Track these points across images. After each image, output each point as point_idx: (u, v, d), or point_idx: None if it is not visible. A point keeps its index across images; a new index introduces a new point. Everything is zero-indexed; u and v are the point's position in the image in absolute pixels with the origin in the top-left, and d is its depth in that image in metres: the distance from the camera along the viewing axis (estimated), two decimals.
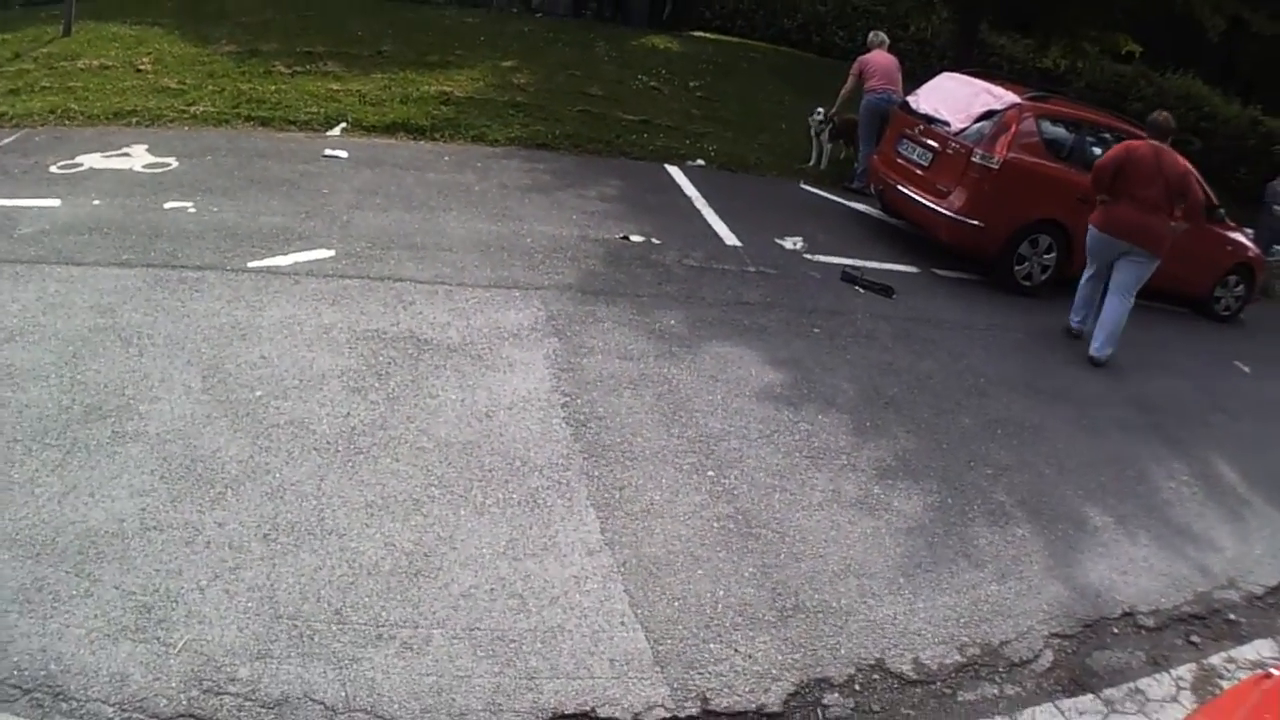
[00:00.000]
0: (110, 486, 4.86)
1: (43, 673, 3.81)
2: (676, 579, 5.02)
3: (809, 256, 10.25)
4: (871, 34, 14.48)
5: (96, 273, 7.03)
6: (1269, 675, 3.89)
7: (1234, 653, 5.75)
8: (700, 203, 11.37)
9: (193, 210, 8.42)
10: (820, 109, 14.26)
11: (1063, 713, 4.89)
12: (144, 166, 9.32)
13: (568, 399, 6.45)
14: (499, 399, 6.29)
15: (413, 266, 8.03)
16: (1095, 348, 9.64)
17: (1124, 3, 20.31)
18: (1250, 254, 12.65)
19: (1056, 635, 5.42)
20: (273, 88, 12.63)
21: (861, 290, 9.68)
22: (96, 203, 8.29)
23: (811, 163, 14.42)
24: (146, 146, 9.89)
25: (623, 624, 4.65)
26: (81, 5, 14.92)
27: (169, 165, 9.44)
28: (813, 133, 14.39)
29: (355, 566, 4.64)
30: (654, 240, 9.69)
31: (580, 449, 5.93)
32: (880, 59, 13.76)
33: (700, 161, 13.28)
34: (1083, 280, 10.18)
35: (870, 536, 5.79)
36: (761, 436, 6.56)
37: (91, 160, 9.31)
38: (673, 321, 7.96)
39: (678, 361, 7.31)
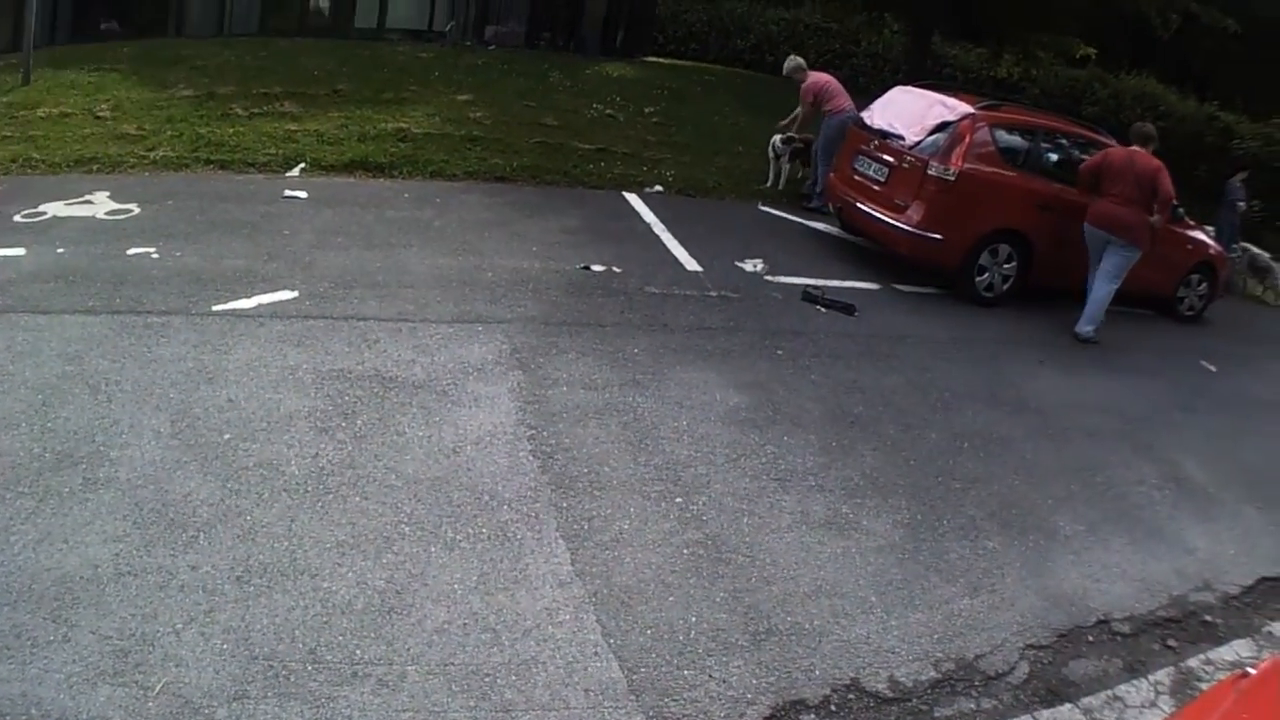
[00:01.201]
0: (84, 533, 4.89)
1: (24, 717, 3.84)
2: (648, 607, 5.08)
3: (770, 278, 10.36)
4: (791, 58, 14.60)
5: (63, 320, 7.06)
6: (1245, 674, 3.99)
7: (1211, 655, 5.82)
8: (660, 229, 11.48)
9: (156, 255, 8.46)
10: (781, 133, 14.41)
11: None
12: (106, 213, 9.36)
13: (534, 431, 6.52)
14: (466, 434, 6.35)
15: (376, 305, 8.09)
16: (1079, 326, 10.84)
17: (1073, 7, 20.53)
18: (1212, 252, 12.87)
19: (1031, 646, 5.49)
20: (231, 130, 12.68)
21: (823, 309, 9.80)
22: (61, 250, 8.32)
23: (769, 184, 14.50)
24: (108, 193, 9.92)
25: (596, 654, 4.70)
26: (39, 54, 14.91)
27: (131, 211, 9.47)
28: (773, 155, 14.47)
29: (328, 606, 4.68)
30: (615, 269, 9.78)
31: (548, 481, 5.99)
32: (829, 79, 13.95)
33: (658, 188, 13.41)
34: (1089, 277, 11.10)
35: (840, 556, 5.86)
36: (728, 461, 6.63)
37: (55, 208, 9.33)
38: (636, 350, 8.04)
39: (642, 389, 7.38)
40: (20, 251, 8.29)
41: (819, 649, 5.06)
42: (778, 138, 14.45)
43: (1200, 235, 12.94)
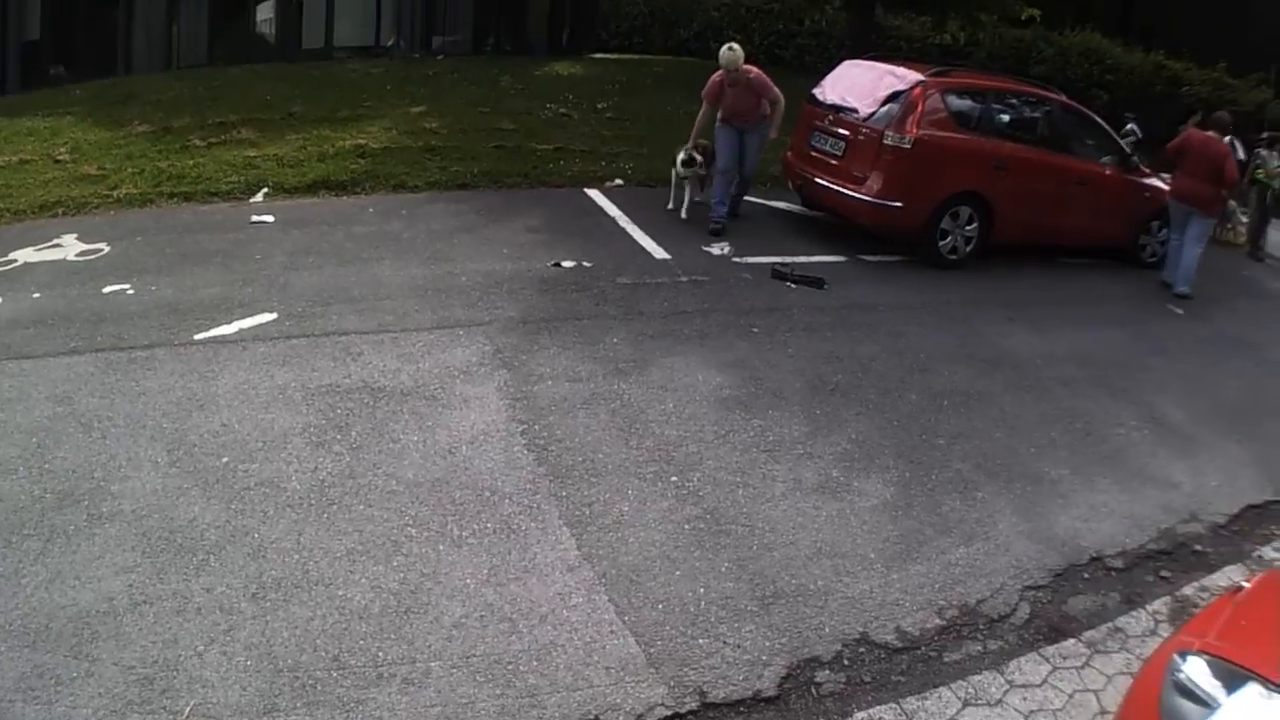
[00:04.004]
0: (95, 567, 4.94)
1: None
2: (657, 583, 5.20)
3: (738, 260, 10.46)
4: (733, 49, 11.60)
5: (48, 363, 7.09)
6: (1240, 589, 4.11)
7: (1205, 581, 6.01)
8: (624, 221, 11.56)
9: (132, 291, 8.48)
10: (682, 149, 11.97)
11: (1047, 659, 5.11)
12: (77, 255, 9.35)
13: (525, 426, 6.60)
14: (459, 435, 6.44)
15: (355, 319, 8.15)
16: (1176, 286, 11.96)
17: None
18: (1167, 198, 12.99)
19: (1030, 588, 5.65)
20: (191, 162, 12.66)
21: (793, 285, 9.91)
22: (36, 295, 8.33)
23: (670, 206, 12.25)
24: (76, 235, 9.91)
25: (612, 632, 4.81)
26: None
27: (101, 250, 9.47)
28: (679, 176, 12.07)
29: (346, 612, 4.77)
30: (585, 264, 9.86)
31: (545, 472, 6.09)
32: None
33: (619, 181, 13.46)
34: (1170, 241, 12.47)
35: (837, 518, 6.00)
36: (717, 438, 6.75)
37: (25, 255, 9.33)
38: (615, 340, 8.14)
39: (626, 377, 7.48)
40: None
41: (826, 607, 5.19)
42: (684, 153, 11.92)
43: (1156, 183, 13.04)
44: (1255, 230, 15.65)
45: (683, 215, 11.91)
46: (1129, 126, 19.06)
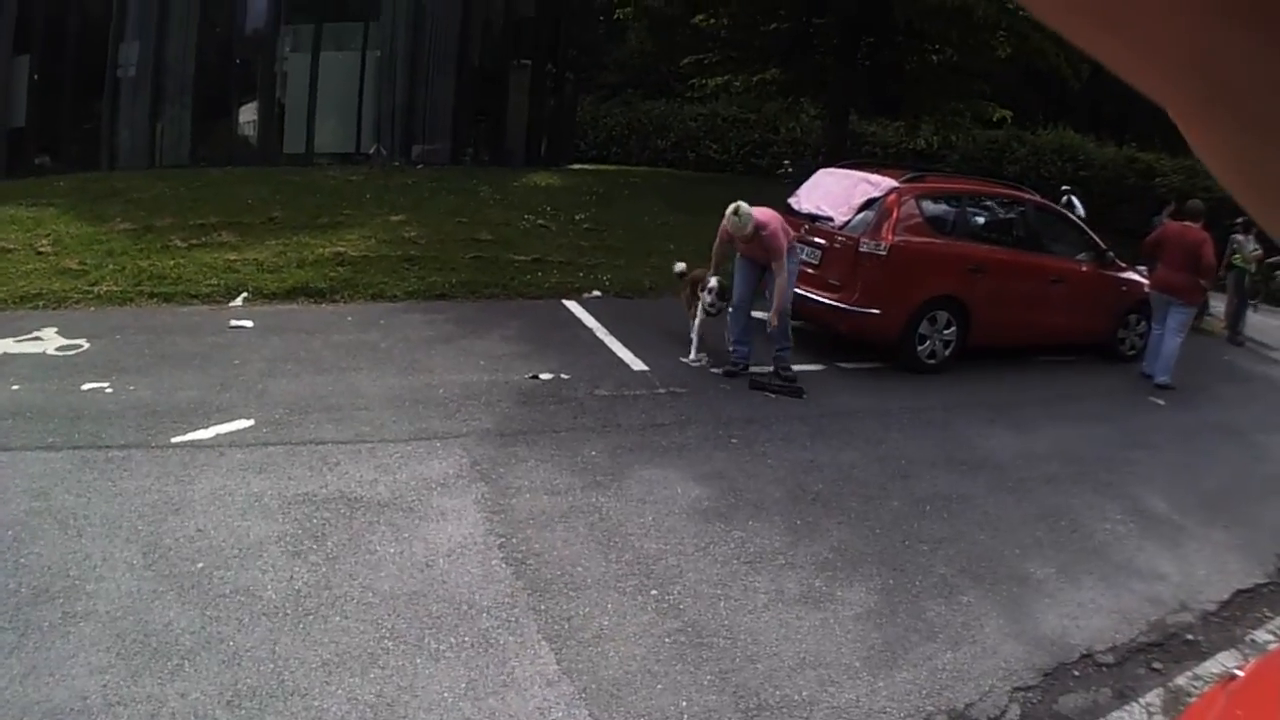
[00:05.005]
0: (69, 665, 4.89)
1: None
2: (638, 696, 5.17)
3: (716, 370, 10.58)
4: (742, 208, 10.04)
5: (25, 457, 7.08)
6: (1234, 677, 4.14)
7: (1198, 670, 6.04)
8: (602, 333, 11.68)
9: (110, 390, 8.49)
10: (712, 280, 10.69)
11: None
12: (57, 349, 9.37)
13: (503, 539, 6.60)
14: (437, 547, 6.43)
15: (332, 428, 8.16)
16: (1157, 377, 12.23)
17: (984, 70, 21.05)
18: (1148, 291, 13.21)
19: (1020, 689, 5.65)
20: (171, 262, 12.73)
21: (772, 395, 10.03)
22: (15, 388, 8.33)
23: (693, 358, 10.98)
24: (56, 329, 9.94)
25: None
26: None
27: (81, 346, 9.50)
28: (706, 311, 10.75)
29: None
30: (563, 376, 9.93)
31: (523, 586, 6.07)
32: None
33: (596, 292, 13.62)
34: (1151, 333, 12.75)
35: (820, 628, 6.00)
36: (697, 550, 6.76)
37: (4, 345, 9.33)
38: (593, 452, 8.17)
39: (604, 490, 7.50)
40: None
41: (811, 718, 5.18)
42: (714, 280, 10.68)
43: (1134, 276, 13.42)
44: (1234, 315, 16.00)
45: (693, 359, 10.88)
46: (1066, 199, 19.17)
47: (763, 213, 10.24)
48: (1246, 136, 0.43)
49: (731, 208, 9.99)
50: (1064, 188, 20.11)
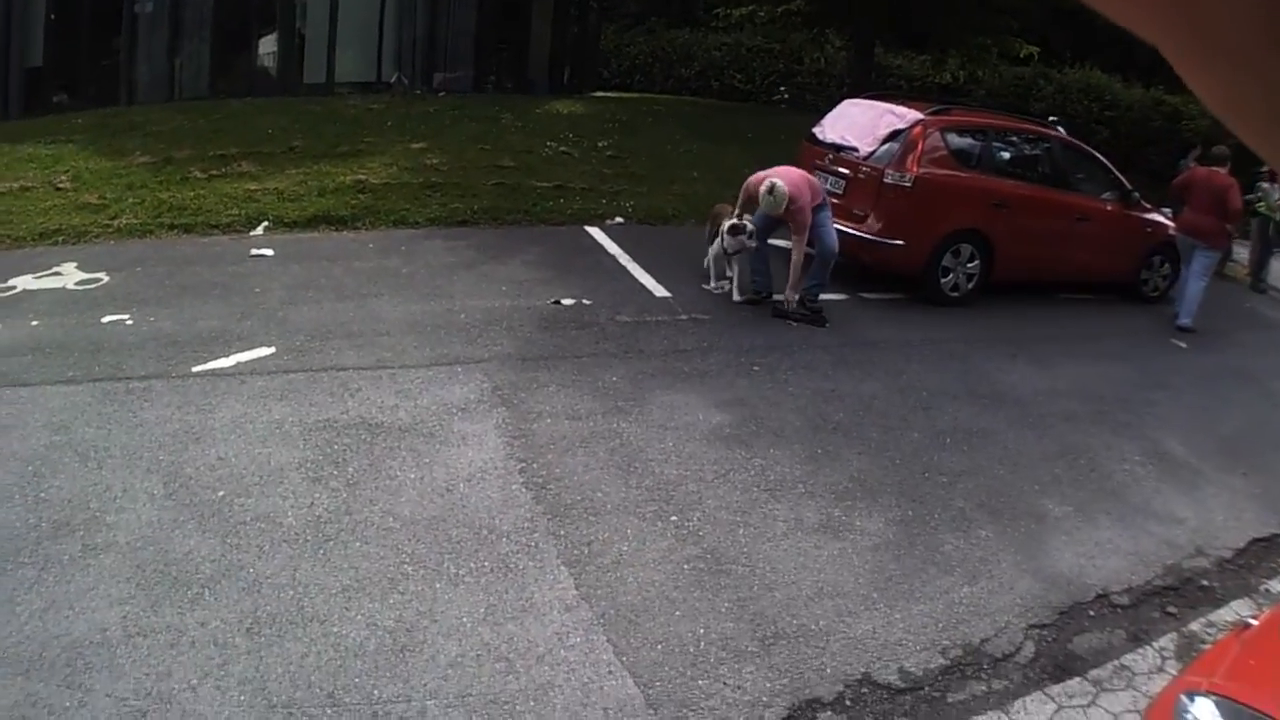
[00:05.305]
0: (89, 598, 4.91)
1: None
2: (656, 623, 5.16)
3: (738, 297, 10.46)
4: (776, 185, 9.61)
5: (45, 392, 7.07)
6: (1248, 626, 4.09)
7: (1212, 616, 6.02)
8: (625, 259, 11.57)
9: (130, 322, 8.47)
10: (726, 222, 10.28)
11: (1052, 698, 5.09)
12: (76, 284, 9.35)
13: (524, 464, 6.58)
14: (457, 472, 6.41)
15: (353, 354, 8.13)
16: (1179, 319, 12.12)
17: (1013, 4, 20.70)
18: (1172, 232, 13.10)
19: (1035, 626, 5.63)
20: (191, 194, 12.66)
21: (794, 323, 9.92)
22: (35, 323, 8.33)
23: (714, 286, 10.78)
24: (76, 264, 9.91)
25: (610, 673, 4.77)
26: None
27: (101, 280, 9.47)
28: (727, 250, 10.37)
29: (341, 650, 4.73)
30: (585, 301, 9.86)
31: (543, 511, 6.06)
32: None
33: (619, 219, 13.48)
34: (1184, 275, 12.54)
35: (838, 558, 5.98)
36: (717, 477, 6.73)
37: (24, 282, 9.32)
38: (615, 378, 8.13)
39: (625, 415, 7.47)
40: None
41: (827, 648, 5.16)
42: (728, 231, 10.22)
43: (1158, 218, 13.25)
44: (1257, 262, 15.78)
45: (736, 297, 10.54)
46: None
47: (794, 184, 9.84)
48: (1232, 73, 0.43)
49: (766, 186, 9.73)
50: (1051, 118, 19.70)
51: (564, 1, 26.60)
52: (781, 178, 9.82)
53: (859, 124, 11.87)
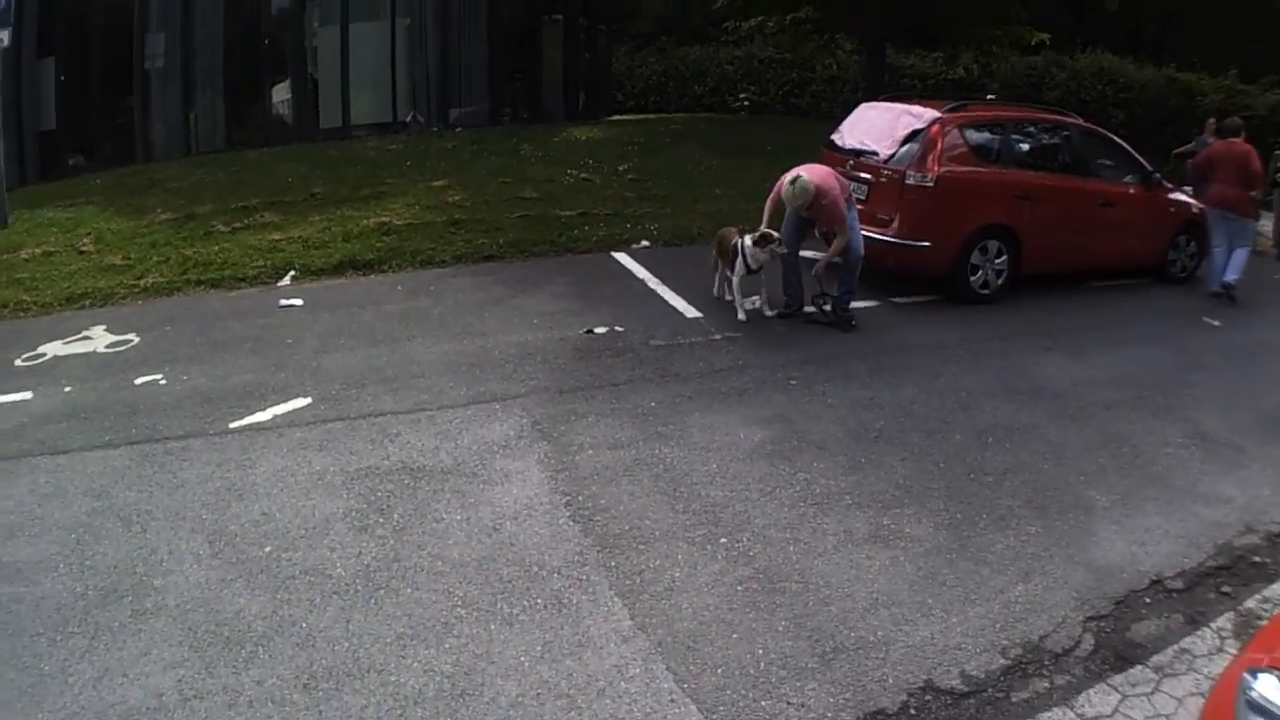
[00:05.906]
0: (142, 664, 4.86)
1: None
2: (714, 647, 5.08)
3: (770, 312, 10.40)
4: (799, 178, 9.72)
5: (83, 458, 7.05)
6: None
7: (1267, 592, 5.92)
8: (654, 283, 11.54)
9: (164, 381, 8.46)
10: (746, 239, 10.13)
11: (1116, 689, 5.00)
12: (106, 346, 9.36)
13: (569, 497, 6.52)
14: (503, 511, 6.35)
15: (390, 399, 8.09)
16: (1228, 276, 12.30)
17: None
18: (1195, 211, 13.06)
19: (1092, 618, 5.55)
20: (216, 248, 12.70)
21: (821, 323, 10.15)
22: (68, 389, 8.32)
23: (741, 316, 10.31)
24: (105, 326, 9.92)
25: (673, 701, 4.69)
26: (12, 195, 14.99)
27: (131, 341, 9.48)
28: (751, 266, 10.15)
29: (400, 698, 4.66)
30: (617, 328, 9.81)
31: (592, 543, 6.00)
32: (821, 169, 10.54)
33: (645, 243, 13.46)
34: (1214, 250, 12.67)
35: (890, 567, 5.90)
36: (763, 495, 6.66)
37: (54, 348, 9.33)
38: (653, 403, 8.07)
39: (666, 440, 7.40)
40: (27, 395, 8.26)
41: (888, 658, 5.09)
42: (755, 242, 10.03)
43: (1181, 197, 13.23)
44: None
45: (768, 312, 10.45)
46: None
47: (821, 177, 9.84)
48: None
49: (789, 177, 9.73)
50: (989, 97, 19.47)
51: (574, 27, 26.69)
52: (807, 173, 9.83)
53: (877, 127, 11.85)
